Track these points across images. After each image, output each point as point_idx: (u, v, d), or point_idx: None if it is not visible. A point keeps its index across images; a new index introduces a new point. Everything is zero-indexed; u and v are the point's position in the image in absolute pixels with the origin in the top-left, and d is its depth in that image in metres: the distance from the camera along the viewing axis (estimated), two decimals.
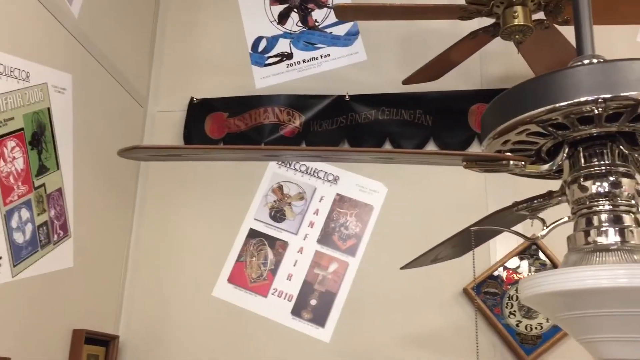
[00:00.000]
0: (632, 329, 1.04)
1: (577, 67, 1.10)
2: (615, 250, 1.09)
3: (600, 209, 1.13)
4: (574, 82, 1.07)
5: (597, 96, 1.03)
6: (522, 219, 1.37)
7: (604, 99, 1.03)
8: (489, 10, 2.04)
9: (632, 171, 1.16)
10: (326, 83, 2.74)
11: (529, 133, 1.15)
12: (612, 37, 2.55)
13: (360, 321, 2.42)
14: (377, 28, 2.77)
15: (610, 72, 1.05)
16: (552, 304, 1.10)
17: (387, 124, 2.63)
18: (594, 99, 1.04)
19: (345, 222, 2.56)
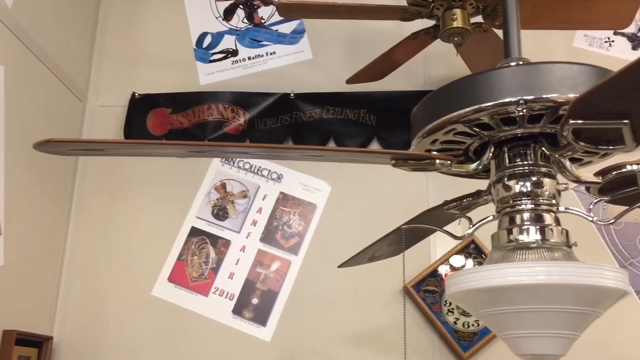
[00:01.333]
0: (549, 324, 1.07)
1: (501, 69, 1.12)
2: (536, 248, 1.12)
3: (523, 208, 1.16)
4: (497, 84, 1.09)
5: (519, 97, 1.06)
6: (453, 218, 1.39)
7: (525, 100, 1.05)
8: (430, 12, 2.07)
9: (553, 171, 1.19)
10: (271, 81, 2.73)
11: (456, 133, 1.17)
12: (551, 42, 2.64)
13: (301, 320, 2.42)
14: (323, 27, 2.77)
15: (531, 74, 1.08)
16: (475, 300, 1.12)
17: (332, 123, 2.64)
18: (516, 100, 1.06)
19: (289, 220, 2.55)
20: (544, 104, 1.07)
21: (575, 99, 0.98)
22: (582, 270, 1.05)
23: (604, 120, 0.98)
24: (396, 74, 2.51)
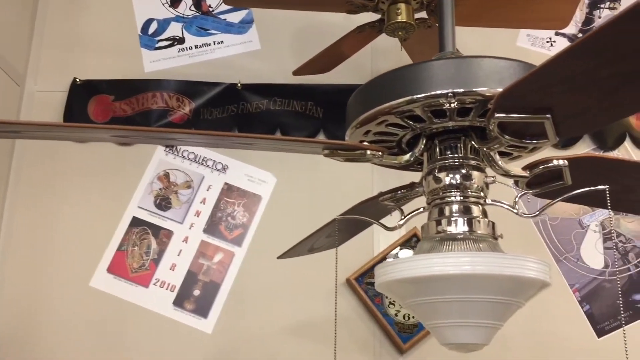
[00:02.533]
0: (473, 314, 1.09)
1: (433, 62, 1.13)
2: (463, 239, 1.14)
3: (452, 200, 1.18)
4: (429, 76, 1.10)
5: (449, 90, 1.07)
6: (389, 209, 1.40)
7: (454, 93, 1.07)
8: (375, 6, 2.07)
9: (482, 165, 1.22)
10: (218, 70, 2.69)
11: (388, 124, 1.18)
12: (495, 41, 2.68)
13: (243, 312, 2.41)
14: (273, 18, 2.75)
15: (461, 68, 1.09)
16: (403, 290, 1.14)
17: (279, 115, 2.62)
18: (445, 92, 1.07)
19: (233, 211, 2.53)
20: (473, 98, 1.08)
21: (499, 93, 0.99)
22: (506, 261, 1.07)
23: (527, 114, 1.00)
24: (344, 67, 2.52)
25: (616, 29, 0.79)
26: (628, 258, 2.42)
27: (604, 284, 2.40)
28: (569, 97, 0.96)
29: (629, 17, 0.76)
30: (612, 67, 0.86)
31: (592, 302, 2.38)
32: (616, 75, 0.88)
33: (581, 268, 2.42)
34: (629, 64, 0.85)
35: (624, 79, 0.88)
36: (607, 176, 1.25)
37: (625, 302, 2.37)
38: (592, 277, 2.40)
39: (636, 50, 0.81)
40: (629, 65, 0.85)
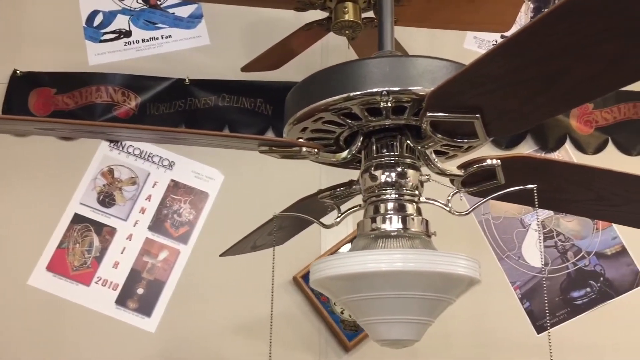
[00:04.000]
0: (405, 310, 1.10)
1: (370, 60, 1.14)
2: (396, 236, 1.15)
3: (387, 198, 1.19)
4: (365, 74, 1.11)
5: (383, 88, 1.08)
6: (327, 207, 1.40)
7: (388, 91, 1.08)
8: (323, 4, 2.08)
9: (418, 163, 1.23)
10: (166, 65, 2.64)
11: (324, 121, 1.18)
12: (443, 42, 2.73)
13: (188, 310, 2.37)
14: (223, 13, 2.72)
15: (397, 67, 1.10)
16: (336, 287, 1.14)
17: (227, 111, 2.60)
18: (379, 90, 1.08)
19: (179, 209, 2.49)
20: (407, 96, 1.09)
21: (431, 92, 1.01)
22: (437, 258, 1.09)
23: (457, 113, 1.02)
24: (294, 64, 2.51)
25: (538, 29, 0.81)
26: (567, 256, 2.50)
27: (544, 282, 2.47)
28: (497, 97, 0.98)
29: (550, 18, 0.78)
30: (537, 67, 0.88)
31: (532, 299, 2.44)
32: (542, 75, 0.90)
33: (522, 266, 2.48)
34: (553, 64, 0.87)
35: (549, 78, 0.90)
36: (538, 176, 1.28)
37: (564, 299, 2.45)
38: (533, 275, 2.47)
39: (559, 50, 0.83)
40: (553, 65, 0.87)
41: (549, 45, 0.83)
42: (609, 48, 0.81)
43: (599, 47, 0.81)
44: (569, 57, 0.84)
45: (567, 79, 0.89)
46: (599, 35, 0.78)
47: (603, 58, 0.83)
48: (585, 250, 2.50)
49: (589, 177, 1.30)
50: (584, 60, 0.84)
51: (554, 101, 0.96)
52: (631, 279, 2.47)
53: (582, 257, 2.49)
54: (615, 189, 1.32)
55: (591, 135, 2.63)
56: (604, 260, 2.49)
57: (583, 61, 0.84)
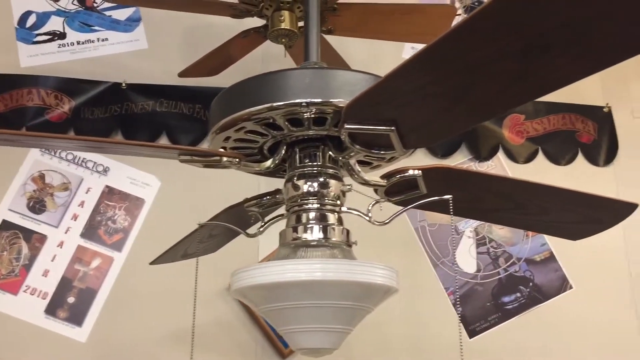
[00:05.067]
0: (324, 319, 1.12)
1: (292, 71, 1.15)
2: (317, 246, 1.17)
3: (309, 207, 1.20)
4: (287, 85, 1.12)
5: (303, 100, 1.09)
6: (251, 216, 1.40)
7: (308, 102, 1.09)
8: (260, 12, 2.08)
9: (339, 173, 1.25)
10: (102, 69, 2.59)
11: (247, 131, 1.18)
12: (382, 52, 2.77)
13: (121, 319, 2.32)
14: (161, 17, 2.68)
15: (318, 79, 1.12)
16: (257, 296, 1.14)
17: (165, 117, 2.56)
18: (300, 102, 1.09)
19: (114, 215, 2.44)
20: (327, 108, 1.11)
21: (347, 104, 1.03)
22: (355, 267, 1.11)
23: (373, 126, 1.04)
24: (235, 71, 2.50)
25: (443, 47, 0.84)
26: (498, 262, 2.57)
27: (476, 287, 2.53)
28: (411, 109, 1.00)
29: (452, 37, 0.81)
30: (445, 82, 0.91)
31: (465, 305, 2.50)
32: (450, 90, 0.93)
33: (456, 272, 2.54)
34: (459, 79, 0.90)
35: (458, 93, 0.93)
36: (459, 186, 1.32)
37: (495, 304, 2.52)
38: (466, 281, 2.53)
39: (464, 66, 0.86)
40: (460, 81, 0.90)
41: (454, 62, 0.86)
42: (510, 66, 0.84)
43: (500, 64, 0.84)
44: (473, 73, 0.88)
45: (474, 94, 0.92)
46: (499, 53, 0.82)
47: (505, 75, 0.87)
48: (516, 257, 2.58)
49: (507, 188, 1.35)
50: (488, 77, 0.88)
51: (465, 115, 1.00)
52: (558, 284, 2.56)
53: (512, 263, 2.57)
54: (532, 198, 1.38)
55: (522, 145, 2.72)
56: (534, 266, 2.57)
57: (487, 77, 0.88)
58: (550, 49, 0.77)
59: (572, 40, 0.75)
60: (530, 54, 0.80)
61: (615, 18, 0.71)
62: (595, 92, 2.83)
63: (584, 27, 0.73)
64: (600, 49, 0.76)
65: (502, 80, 0.87)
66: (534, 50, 0.79)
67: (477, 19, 0.77)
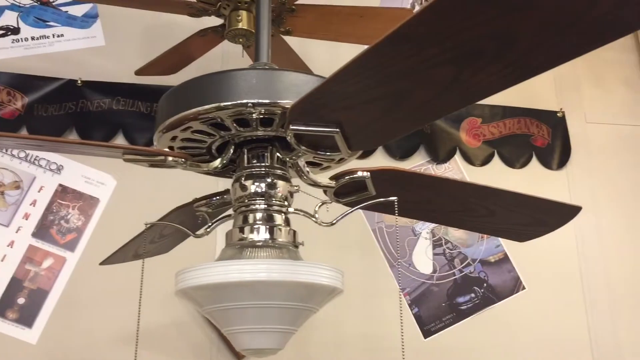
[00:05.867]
0: (268, 320, 1.12)
1: (239, 71, 1.15)
2: (263, 246, 1.17)
3: (256, 208, 1.20)
4: (232, 85, 1.12)
5: (248, 100, 1.09)
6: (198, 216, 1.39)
7: (253, 103, 1.09)
8: (217, 11, 2.07)
9: (288, 174, 1.25)
10: (57, 65, 2.54)
11: (194, 131, 1.17)
12: (342, 54, 2.78)
13: (74, 320, 2.28)
14: (119, 13, 2.64)
15: (265, 80, 1.12)
16: (201, 297, 1.14)
17: (121, 115, 2.53)
18: (246, 102, 1.09)
19: (67, 214, 2.40)
20: (274, 109, 1.11)
21: (292, 105, 1.03)
22: (300, 268, 1.11)
23: (318, 127, 1.04)
24: (194, 69, 2.48)
25: (378, 53, 0.85)
26: (454, 263, 2.61)
27: (432, 288, 2.57)
28: (355, 112, 1.01)
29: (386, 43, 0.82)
30: (383, 87, 0.92)
31: (421, 305, 2.53)
32: (389, 94, 0.94)
33: (412, 273, 2.57)
34: (397, 84, 0.91)
35: (397, 98, 0.95)
36: (407, 188, 1.34)
37: (450, 304, 2.55)
38: (422, 282, 2.56)
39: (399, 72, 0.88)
40: (397, 86, 0.92)
41: (390, 68, 0.87)
42: (444, 72, 0.86)
43: (435, 70, 0.86)
44: (411, 78, 0.89)
45: (413, 98, 0.94)
46: (433, 59, 0.83)
47: (441, 81, 0.88)
48: (471, 258, 2.62)
49: (454, 190, 1.37)
50: (425, 82, 0.89)
51: (406, 118, 1.01)
52: (512, 284, 2.61)
53: (468, 264, 2.61)
54: (479, 201, 1.40)
55: (479, 148, 2.77)
56: (488, 267, 2.62)
57: (424, 82, 0.89)
58: (480, 57, 0.79)
59: (500, 50, 0.77)
60: (462, 61, 0.81)
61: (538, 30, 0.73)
62: (549, 97, 2.90)
63: (511, 37, 0.75)
64: (526, 59, 0.78)
65: (438, 86, 0.89)
66: (466, 58, 0.80)
67: (410, 26, 0.78)
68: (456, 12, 0.73)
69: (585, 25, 0.74)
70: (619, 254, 2.73)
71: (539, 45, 0.75)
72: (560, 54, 0.80)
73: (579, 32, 0.76)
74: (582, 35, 0.77)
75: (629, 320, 2.65)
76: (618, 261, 2.72)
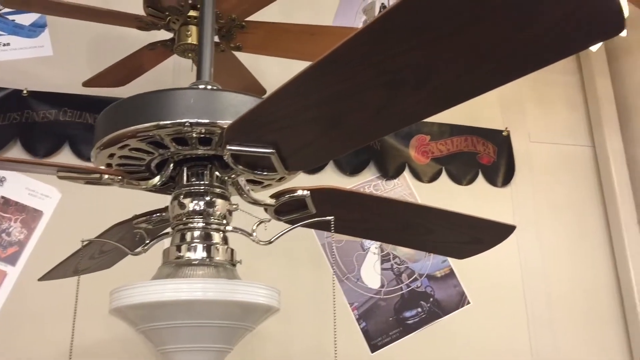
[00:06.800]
0: (203, 339, 1.12)
1: (175, 91, 1.15)
2: (200, 265, 1.17)
3: (194, 226, 1.20)
4: (171, 104, 1.12)
5: (187, 120, 1.10)
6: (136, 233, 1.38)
7: (190, 123, 1.10)
8: (167, 25, 2.07)
9: (227, 192, 1.26)
10: (2, 74, 2.48)
11: (131, 148, 1.17)
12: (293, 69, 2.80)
13: (14, 337, 2.22)
14: (69, 23, 2.59)
15: (201, 100, 1.13)
16: (135, 316, 1.13)
17: (69, 126, 2.48)
18: (183, 122, 1.10)
19: (9, 227, 2.33)
20: (211, 129, 1.12)
21: (228, 126, 1.04)
22: (237, 287, 1.12)
23: (254, 148, 1.06)
24: (145, 82, 2.46)
25: (311, 76, 0.87)
26: (401, 278, 2.65)
27: (380, 303, 2.60)
28: (290, 133, 1.03)
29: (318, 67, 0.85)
30: (318, 109, 0.94)
31: (368, 320, 2.56)
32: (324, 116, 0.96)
33: (360, 287, 2.59)
34: (331, 107, 0.94)
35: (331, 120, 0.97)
36: (347, 206, 1.36)
37: (397, 319, 2.59)
38: (370, 296, 2.59)
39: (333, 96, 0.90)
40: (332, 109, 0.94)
41: (324, 91, 0.90)
42: (375, 97, 0.89)
43: (366, 95, 0.88)
44: (344, 101, 0.91)
45: (346, 120, 0.96)
46: (364, 84, 0.86)
47: (372, 105, 0.91)
48: (418, 273, 2.67)
49: (393, 209, 1.40)
50: (357, 105, 0.92)
51: (341, 140, 1.03)
52: (457, 299, 2.67)
53: (415, 279, 2.66)
54: (417, 219, 1.44)
55: (427, 165, 2.83)
56: (434, 282, 2.67)
57: (356, 106, 0.92)
58: (406, 85, 0.82)
59: (424, 79, 0.80)
60: (391, 87, 0.84)
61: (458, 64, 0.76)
62: (495, 117, 2.99)
63: (433, 68, 0.78)
64: (448, 89, 0.82)
65: (370, 110, 0.91)
66: (393, 85, 0.83)
67: (342, 51, 0.81)
68: (381, 41, 0.76)
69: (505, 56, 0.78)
70: (560, 268, 2.82)
71: (457, 78, 0.78)
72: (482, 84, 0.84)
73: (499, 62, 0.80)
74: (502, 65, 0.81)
75: (569, 332, 2.74)
76: (558, 275, 2.81)
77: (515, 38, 0.72)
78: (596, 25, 0.69)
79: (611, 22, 0.67)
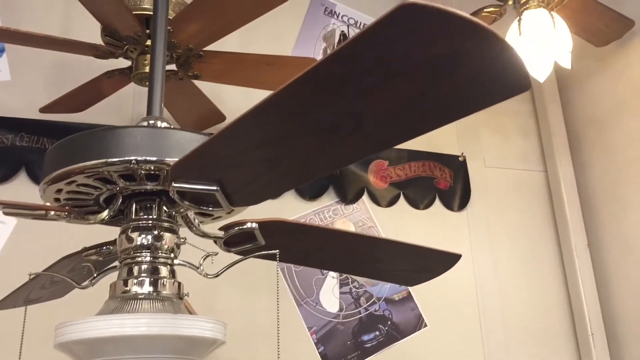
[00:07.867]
0: None
1: (122, 128, 1.18)
2: (146, 299, 1.19)
3: (141, 260, 1.22)
4: (118, 142, 1.14)
5: (133, 157, 1.12)
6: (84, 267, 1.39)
7: (136, 160, 1.12)
8: (125, 54, 2.09)
9: (175, 226, 1.28)
10: None
11: (79, 184, 1.19)
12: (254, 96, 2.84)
13: None
14: (28, 49, 2.58)
15: (147, 137, 1.16)
16: (81, 351, 1.14)
17: (26, 151, 2.47)
18: (129, 159, 1.12)
19: None
20: (160, 165, 1.14)
21: (173, 165, 1.07)
22: (182, 321, 1.14)
23: (199, 185, 1.09)
24: (105, 107, 2.48)
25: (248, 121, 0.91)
26: (359, 302, 2.69)
27: (338, 326, 2.63)
28: (234, 171, 1.06)
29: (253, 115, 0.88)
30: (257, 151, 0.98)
31: (327, 343, 2.58)
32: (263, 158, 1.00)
33: (319, 312, 2.62)
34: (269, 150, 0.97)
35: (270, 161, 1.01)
36: (296, 237, 1.40)
37: (355, 342, 2.62)
38: (328, 320, 2.61)
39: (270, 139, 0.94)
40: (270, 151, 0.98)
41: (264, 135, 0.94)
42: (311, 141, 0.93)
43: (303, 139, 0.93)
44: (283, 144, 0.95)
45: (286, 161, 1.00)
46: (300, 129, 0.90)
47: (309, 148, 0.95)
48: (376, 296, 2.71)
49: (340, 240, 1.44)
50: (295, 148, 0.96)
51: (281, 179, 1.07)
52: (415, 322, 2.71)
53: (373, 302, 2.69)
54: (365, 249, 1.48)
55: (386, 189, 2.88)
56: (392, 305, 2.71)
57: (294, 148, 0.96)
58: (339, 131, 0.86)
59: (355, 126, 0.85)
60: (325, 133, 0.88)
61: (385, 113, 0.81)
62: (452, 142, 3.07)
63: (363, 116, 0.82)
64: (380, 135, 0.87)
65: (307, 152, 0.95)
66: (327, 131, 0.87)
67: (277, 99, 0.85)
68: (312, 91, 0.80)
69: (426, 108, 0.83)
70: (514, 290, 2.89)
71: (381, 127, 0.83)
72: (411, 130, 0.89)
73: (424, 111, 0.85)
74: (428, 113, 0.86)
75: (523, 353, 2.80)
76: (513, 297, 2.88)
77: (434, 91, 0.77)
78: (507, 82, 0.74)
79: (518, 79, 0.73)
